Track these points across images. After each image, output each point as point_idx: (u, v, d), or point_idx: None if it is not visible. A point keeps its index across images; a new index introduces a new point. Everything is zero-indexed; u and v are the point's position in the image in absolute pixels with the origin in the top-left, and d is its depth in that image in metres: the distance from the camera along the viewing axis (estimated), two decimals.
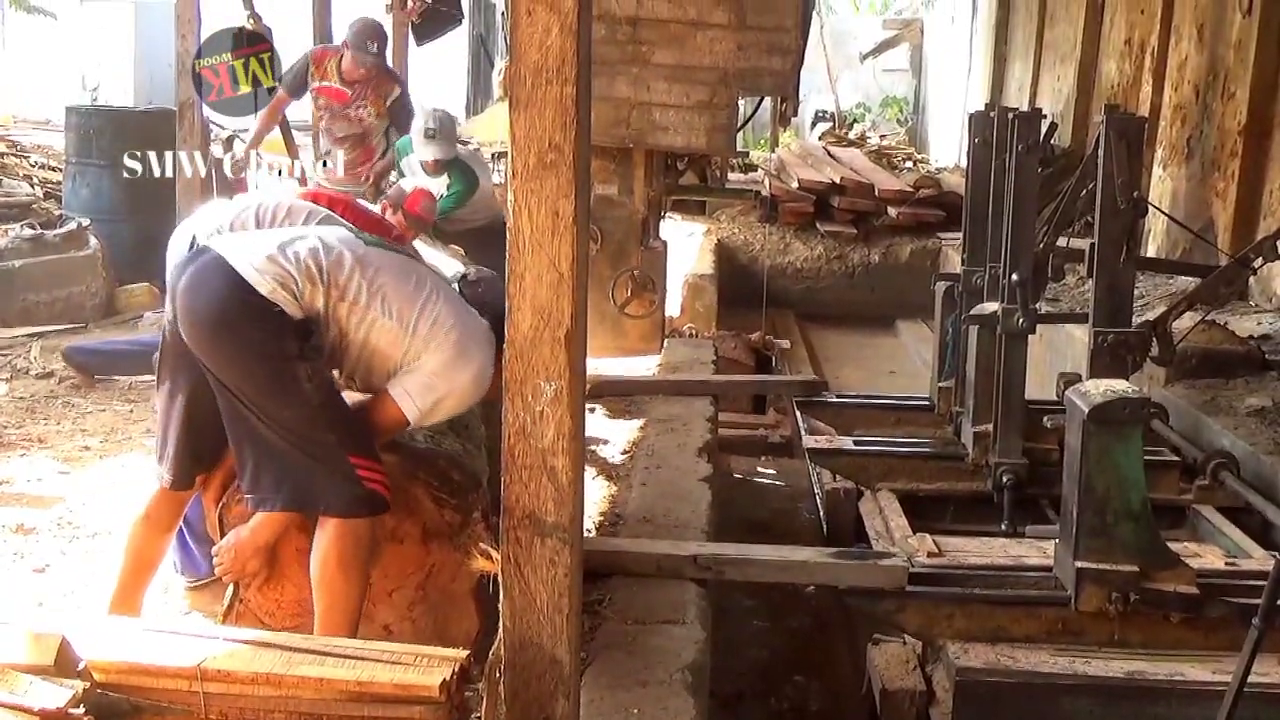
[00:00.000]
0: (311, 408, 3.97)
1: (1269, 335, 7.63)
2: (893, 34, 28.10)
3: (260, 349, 3.93)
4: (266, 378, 3.95)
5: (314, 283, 3.97)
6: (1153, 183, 10.37)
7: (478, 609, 4.20)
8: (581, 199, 2.89)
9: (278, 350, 3.92)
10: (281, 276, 3.93)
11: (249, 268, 3.93)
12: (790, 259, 13.73)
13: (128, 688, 3.15)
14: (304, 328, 3.96)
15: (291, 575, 4.24)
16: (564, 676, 3.08)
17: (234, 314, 3.92)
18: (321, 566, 4.03)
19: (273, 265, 3.95)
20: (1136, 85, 11.44)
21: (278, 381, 3.94)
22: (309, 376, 3.95)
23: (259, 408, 3.96)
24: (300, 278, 3.95)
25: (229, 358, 3.96)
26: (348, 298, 4.01)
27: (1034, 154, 6.07)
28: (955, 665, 4.34)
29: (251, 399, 3.96)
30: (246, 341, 3.93)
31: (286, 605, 4.27)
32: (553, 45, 2.81)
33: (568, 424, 2.96)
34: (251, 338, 3.92)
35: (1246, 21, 9.00)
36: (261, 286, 3.90)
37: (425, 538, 4.21)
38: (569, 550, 3.02)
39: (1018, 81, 16.28)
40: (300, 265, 3.97)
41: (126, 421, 7.18)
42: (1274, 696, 4.18)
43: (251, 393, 3.96)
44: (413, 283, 4.12)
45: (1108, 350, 5.55)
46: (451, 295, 4.19)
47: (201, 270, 4.01)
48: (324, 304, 3.99)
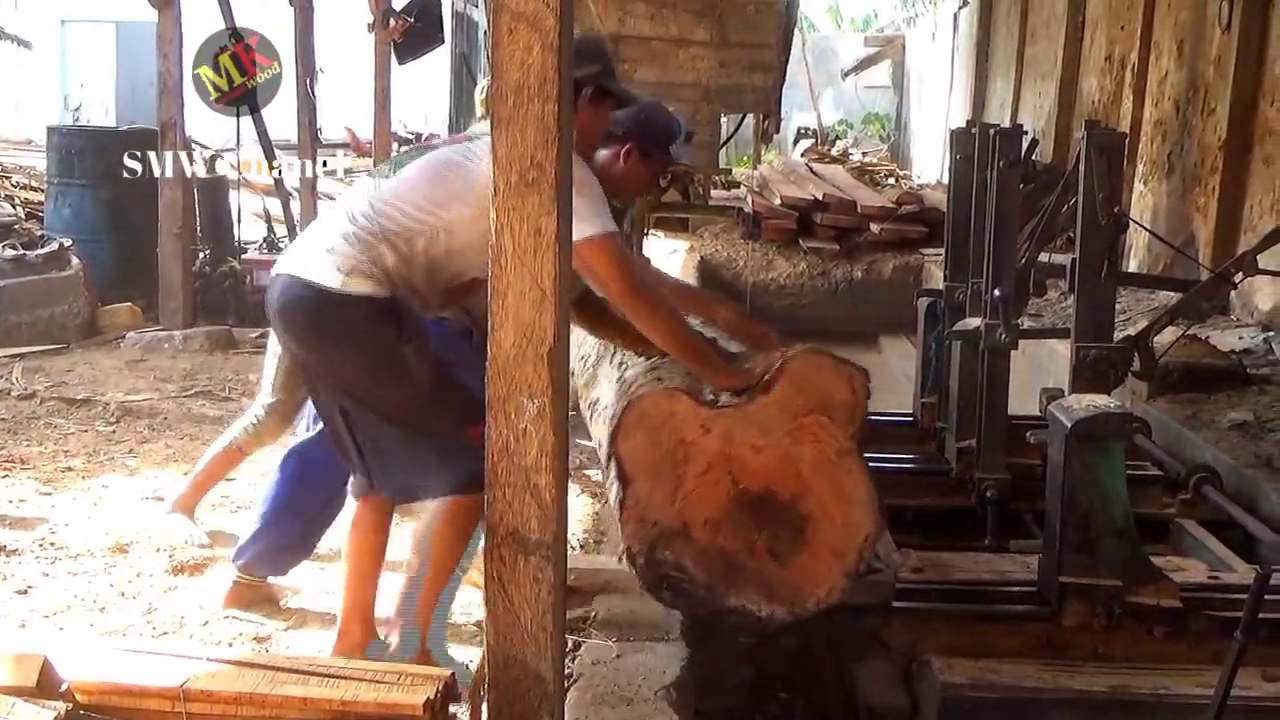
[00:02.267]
0: (425, 388, 3.99)
1: (1250, 350, 7.66)
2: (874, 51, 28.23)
3: (360, 345, 3.96)
4: (374, 371, 3.98)
5: (370, 244, 3.95)
6: (1134, 198, 10.41)
7: None
8: (564, 217, 2.90)
9: (377, 340, 3.94)
10: (342, 262, 3.92)
11: (313, 272, 3.95)
12: (773, 275, 13.74)
13: (110, 708, 3.15)
14: (392, 308, 3.95)
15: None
16: (548, 694, 3.08)
17: (323, 320, 3.96)
18: (438, 538, 4.07)
19: (330, 256, 3.94)
20: (1117, 101, 11.49)
21: (387, 370, 3.97)
22: (414, 355, 3.98)
23: (377, 401, 4.01)
24: (357, 251, 3.94)
25: (335, 363, 4.03)
26: (404, 230, 3.97)
27: (1015, 170, 6.08)
28: (940, 681, 4.34)
29: (368, 395, 4.01)
30: (344, 342, 3.97)
31: None
32: (534, 63, 2.82)
33: (551, 441, 2.96)
34: (348, 336, 3.95)
35: (1226, 38, 9.05)
36: (333, 281, 3.90)
37: None
38: (552, 568, 3.02)
39: (999, 98, 16.35)
40: (349, 239, 3.95)
41: (109, 442, 7.17)
42: (1257, 709, 4.18)
43: (366, 389, 4.00)
44: (449, 166, 4.09)
45: (1090, 365, 5.57)
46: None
47: (280, 295, 4.04)
48: (394, 255, 3.96)
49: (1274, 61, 8.51)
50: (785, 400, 3.96)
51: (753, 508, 3.97)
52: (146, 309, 10.25)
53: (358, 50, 14.12)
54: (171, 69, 9.70)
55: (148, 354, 9.37)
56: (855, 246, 13.85)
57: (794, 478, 3.95)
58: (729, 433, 3.96)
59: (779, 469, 3.97)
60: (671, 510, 3.92)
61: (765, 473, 3.96)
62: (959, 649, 4.60)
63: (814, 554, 3.94)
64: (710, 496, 3.97)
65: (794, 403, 3.96)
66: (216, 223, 11.00)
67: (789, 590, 3.97)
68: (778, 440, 3.95)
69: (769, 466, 3.96)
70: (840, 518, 3.93)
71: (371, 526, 4.30)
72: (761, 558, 3.98)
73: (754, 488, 3.97)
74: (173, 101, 9.73)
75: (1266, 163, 8.46)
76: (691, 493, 3.96)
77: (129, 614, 4.88)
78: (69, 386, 8.39)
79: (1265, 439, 6.15)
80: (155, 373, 8.85)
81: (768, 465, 3.96)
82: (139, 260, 10.38)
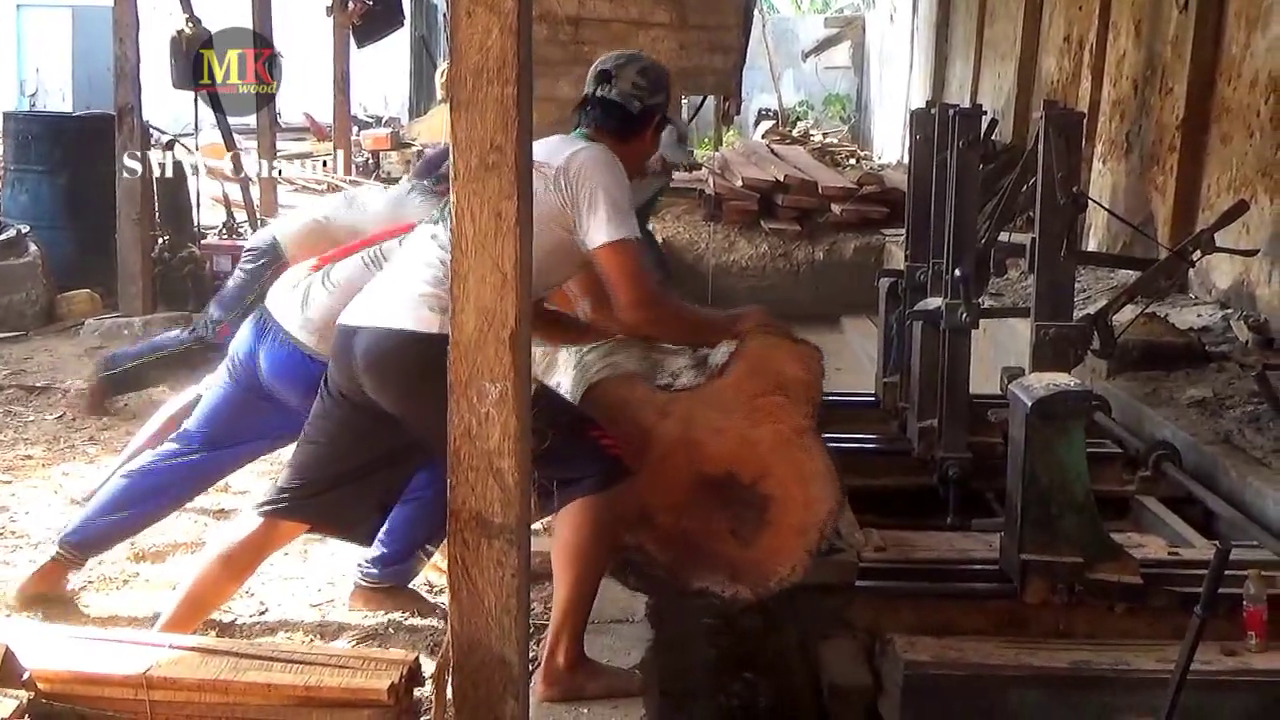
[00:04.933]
0: (543, 399, 3.83)
1: (1209, 327, 7.71)
2: (834, 32, 28.23)
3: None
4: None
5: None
6: (1093, 177, 10.45)
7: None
8: (524, 200, 2.90)
9: None
10: (436, 303, 3.78)
11: (409, 321, 3.82)
12: (735, 257, 13.72)
13: (73, 697, 3.14)
14: None
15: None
16: (513, 677, 3.08)
17: (436, 367, 3.79)
18: (574, 547, 3.90)
19: (425, 299, 3.83)
20: (1076, 81, 11.53)
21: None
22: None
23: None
24: (444, 292, 3.80)
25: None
26: None
27: (975, 150, 6.10)
28: (903, 659, 4.36)
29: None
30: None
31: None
32: (493, 46, 2.81)
33: (513, 425, 2.96)
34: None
35: (1183, 18, 9.09)
36: (435, 326, 3.72)
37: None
38: (516, 552, 3.03)
39: (959, 78, 16.38)
40: (436, 283, 3.80)
41: (69, 430, 7.13)
42: (1217, 685, 4.22)
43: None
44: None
45: (1050, 344, 5.59)
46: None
47: (374, 347, 3.87)
48: None
49: (1231, 41, 8.56)
50: (741, 382, 3.98)
51: (714, 490, 3.99)
52: (105, 296, 10.17)
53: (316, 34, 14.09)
54: (128, 54, 9.61)
55: (107, 341, 9.30)
56: (817, 227, 13.85)
57: (754, 460, 3.98)
58: (688, 416, 3.97)
59: (739, 452, 3.98)
60: (632, 495, 3.93)
61: (725, 456, 3.98)
62: (922, 627, 4.62)
63: (777, 533, 3.96)
64: (671, 481, 3.99)
65: (750, 384, 3.98)
66: (176, 209, 10.92)
67: (753, 570, 3.99)
68: (736, 423, 3.96)
69: (729, 450, 3.98)
70: (801, 497, 3.95)
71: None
72: (724, 539, 4.00)
73: (715, 471, 3.98)
74: (129, 87, 9.64)
75: (1223, 141, 8.50)
76: (652, 478, 3.97)
77: (90, 601, 4.86)
78: (28, 374, 8.33)
79: (1224, 416, 6.19)
80: None
81: (728, 448, 3.98)
82: (98, 247, 10.29)
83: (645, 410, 3.99)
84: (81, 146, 10.47)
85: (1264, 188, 7.67)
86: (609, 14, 9.66)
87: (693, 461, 4.00)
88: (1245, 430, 5.94)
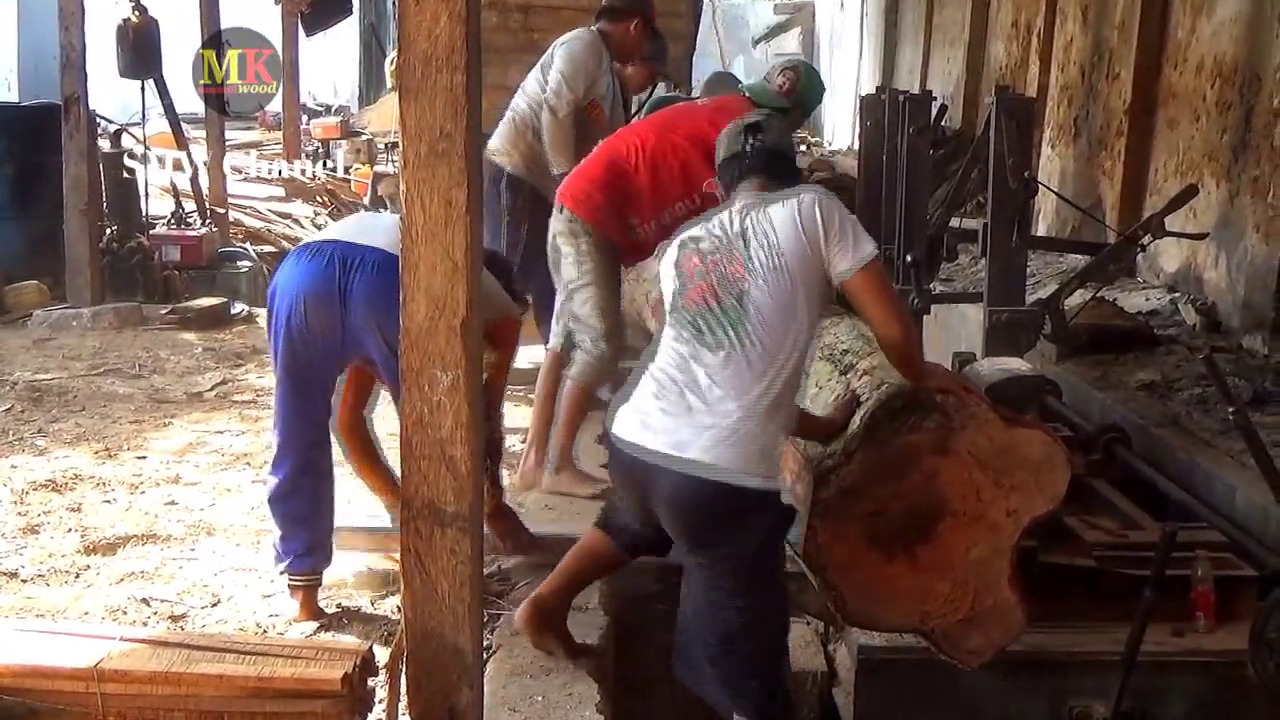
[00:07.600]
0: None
1: (1157, 311, 7.75)
2: (785, 19, 28.26)
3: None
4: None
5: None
6: (1042, 162, 10.49)
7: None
8: (474, 187, 2.89)
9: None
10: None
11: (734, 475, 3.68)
12: None
13: (24, 690, 3.11)
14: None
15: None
16: (467, 666, 3.08)
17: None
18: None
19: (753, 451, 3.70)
20: (1024, 66, 11.56)
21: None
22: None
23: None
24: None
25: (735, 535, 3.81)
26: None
27: (925, 136, 6.13)
28: (857, 644, 4.37)
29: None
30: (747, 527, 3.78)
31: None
32: (442, 33, 2.80)
33: (465, 413, 2.95)
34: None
35: (1130, 2, 9.13)
36: (756, 483, 3.69)
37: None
38: (469, 540, 3.02)
39: (908, 64, 16.41)
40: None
41: (18, 422, 7.07)
42: (1166, 665, 4.25)
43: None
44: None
45: (1002, 329, 5.62)
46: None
47: (679, 492, 3.74)
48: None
49: (1177, 26, 8.60)
50: (1018, 444, 4.04)
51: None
52: (54, 287, 10.09)
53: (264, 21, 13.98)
54: (74, 42, 9.53)
55: (56, 332, 9.24)
56: None
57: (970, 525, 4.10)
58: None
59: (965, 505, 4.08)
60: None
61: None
62: None
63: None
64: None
65: (1023, 450, 4.04)
66: (123, 199, 10.84)
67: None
68: (987, 477, 4.02)
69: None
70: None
71: None
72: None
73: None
74: (76, 76, 9.57)
75: (1170, 126, 8.55)
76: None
77: (41, 594, 4.83)
78: None
79: (1172, 398, 6.23)
80: (64, 351, 8.73)
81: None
82: (45, 238, 10.21)
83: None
84: (28, 137, 10.36)
85: (1210, 172, 7.72)
86: (559, 1, 9.62)
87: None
88: (1193, 412, 5.98)
